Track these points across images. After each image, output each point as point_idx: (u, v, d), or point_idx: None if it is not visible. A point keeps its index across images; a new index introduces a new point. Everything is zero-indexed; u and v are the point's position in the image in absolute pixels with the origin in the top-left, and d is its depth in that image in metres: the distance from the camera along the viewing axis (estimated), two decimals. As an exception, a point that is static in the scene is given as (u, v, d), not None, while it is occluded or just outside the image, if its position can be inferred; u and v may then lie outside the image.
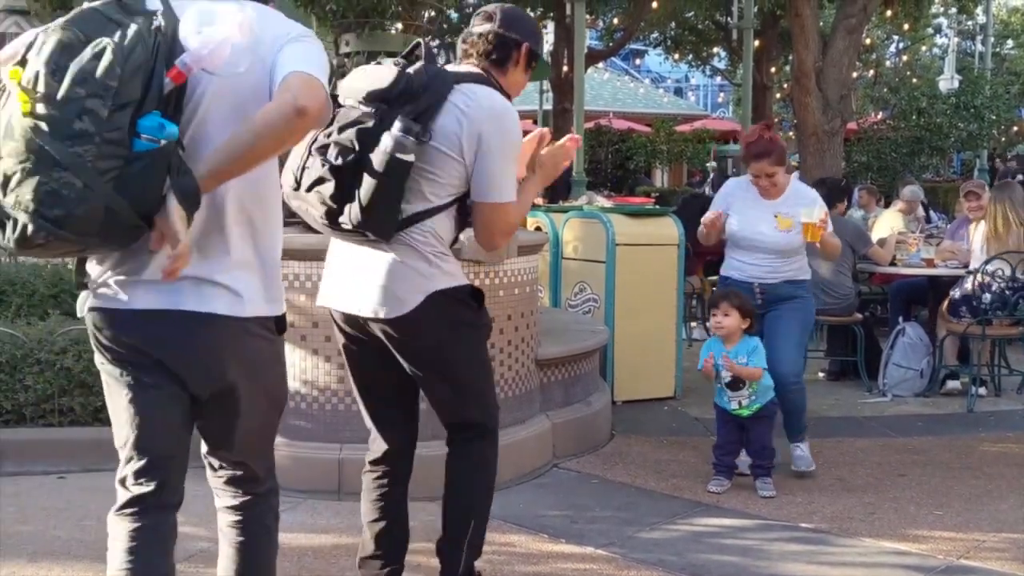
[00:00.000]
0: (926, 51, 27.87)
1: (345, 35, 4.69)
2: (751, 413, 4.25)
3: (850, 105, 10.30)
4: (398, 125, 2.44)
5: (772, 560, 3.51)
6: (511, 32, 2.75)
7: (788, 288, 4.44)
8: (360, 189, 2.46)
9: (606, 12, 17.63)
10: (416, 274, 2.61)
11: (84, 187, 1.80)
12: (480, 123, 2.58)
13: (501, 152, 2.60)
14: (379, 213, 2.48)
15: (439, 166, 2.59)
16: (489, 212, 2.63)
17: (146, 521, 2.26)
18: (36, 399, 4.52)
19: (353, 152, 2.45)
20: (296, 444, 4.10)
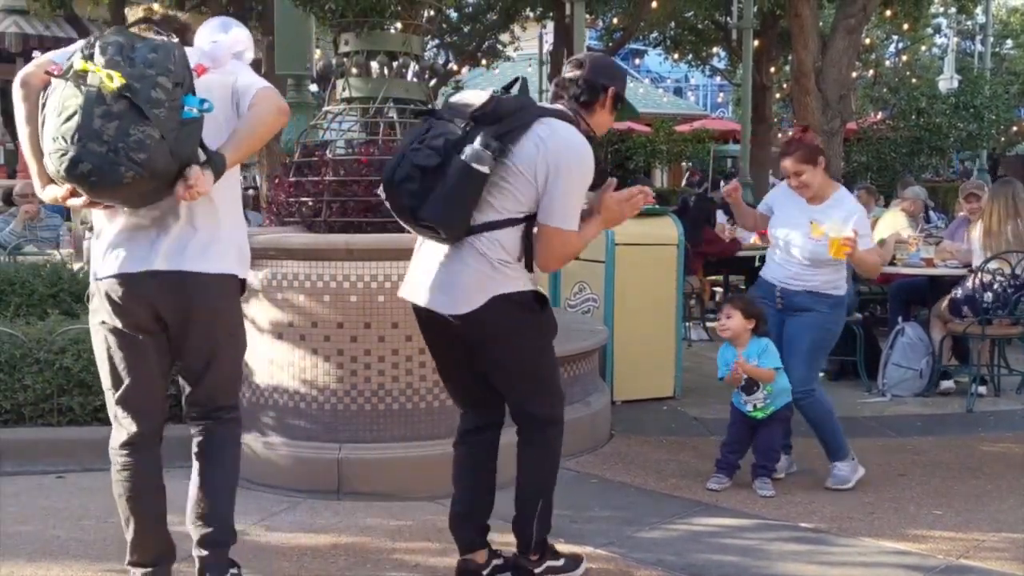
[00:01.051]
0: (926, 51, 27.86)
1: (344, 34, 4.69)
2: (765, 416, 4.25)
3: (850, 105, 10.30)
4: (479, 140, 2.78)
5: (772, 560, 3.51)
6: (598, 78, 3.06)
7: (806, 299, 4.29)
8: (439, 190, 2.79)
9: (606, 12, 17.61)
10: (481, 277, 2.89)
11: (161, 138, 2.48)
12: (557, 154, 2.87)
13: (570, 183, 2.88)
14: (450, 214, 2.82)
15: (512, 184, 2.88)
16: (550, 235, 2.91)
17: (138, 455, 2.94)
18: (35, 398, 4.52)
19: (438, 157, 2.80)
20: (295, 443, 4.10)
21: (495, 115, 2.86)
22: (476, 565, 3.21)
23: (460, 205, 2.82)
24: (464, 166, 2.77)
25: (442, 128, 2.87)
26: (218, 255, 2.85)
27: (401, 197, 2.86)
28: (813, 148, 4.30)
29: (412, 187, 2.82)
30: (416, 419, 4.09)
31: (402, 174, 2.85)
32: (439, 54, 18.54)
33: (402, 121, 4.65)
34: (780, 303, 4.36)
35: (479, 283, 2.89)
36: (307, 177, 4.49)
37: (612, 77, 3.11)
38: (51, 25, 14.53)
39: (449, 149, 2.80)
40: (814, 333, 4.29)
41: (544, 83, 19.30)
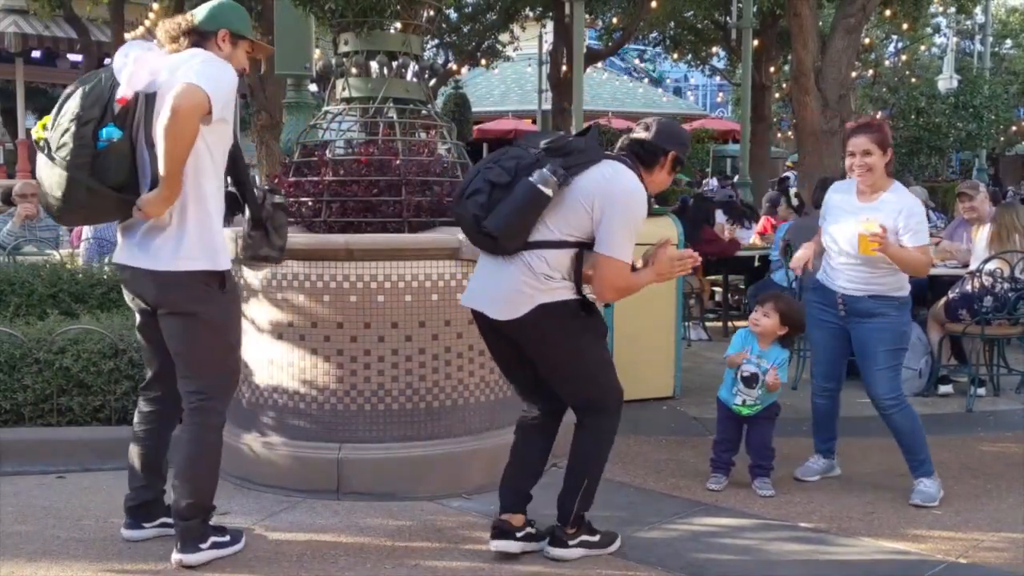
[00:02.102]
0: (925, 51, 27.85)
1: (344, 34, 4.68)
2: (751, 413, 4.26)
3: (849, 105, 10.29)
4: (548, 166, 3.15)
5: (771, 560, 3.51)
6: (662, 143, 3.40)
7: (871, 304, 4.11)
8: (503, 204, 3.16)
9: (605, 12, 17.60)
10: (527, 288, 3.21)
11: (69, 175, 3.11)
12: (615, 193, 3.22)
13: (624, 220, 3.22)
14: (510, 227, 3.17)
15: (570, 211, 3.22)
16: (605, 264, 3.23)
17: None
18: (35, 399, 4.52)
19: (508, 176, 3.19)
20: (295, 443, 4.10)
21: (566, 149, 3.23)
22: (510, 526, 3.47)
23: (520, 220, 3.17)
24: (531, 186, 3.13)
25: (516, 153, 3.27)
26: (170, 253, 3.22)
27: (469, 208, 3.22)
28: (887, 135, 4.13)
29: (481, 199, 3.20)
30: (416, 419, 4.09)
31: (474, 187, 3.23)
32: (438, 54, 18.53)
33: (401, 121, 4.64)
34: (843, 310, 4.19)
35: (525, 293, 3.21)
36: (307, 177, 4.49)
37: (674, 143, 3.43)
38: (50, 25, 14.53)
39: (519, 171, 3.18)
40: (888, 338, 4.11)
41: (543, 83, 19.28)
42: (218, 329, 3.35)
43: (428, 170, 4.48)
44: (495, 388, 4.28)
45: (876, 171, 4.09)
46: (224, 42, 3.39)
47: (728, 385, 4.32)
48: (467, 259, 4.08)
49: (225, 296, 3.35)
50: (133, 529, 3.55)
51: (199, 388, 3.35)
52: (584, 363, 3.35)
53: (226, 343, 3.40)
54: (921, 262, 4.10)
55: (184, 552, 3.31)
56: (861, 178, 4.12)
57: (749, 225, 9.81)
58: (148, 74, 3.17)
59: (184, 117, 3.01)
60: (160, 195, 3.11)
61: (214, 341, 3.35)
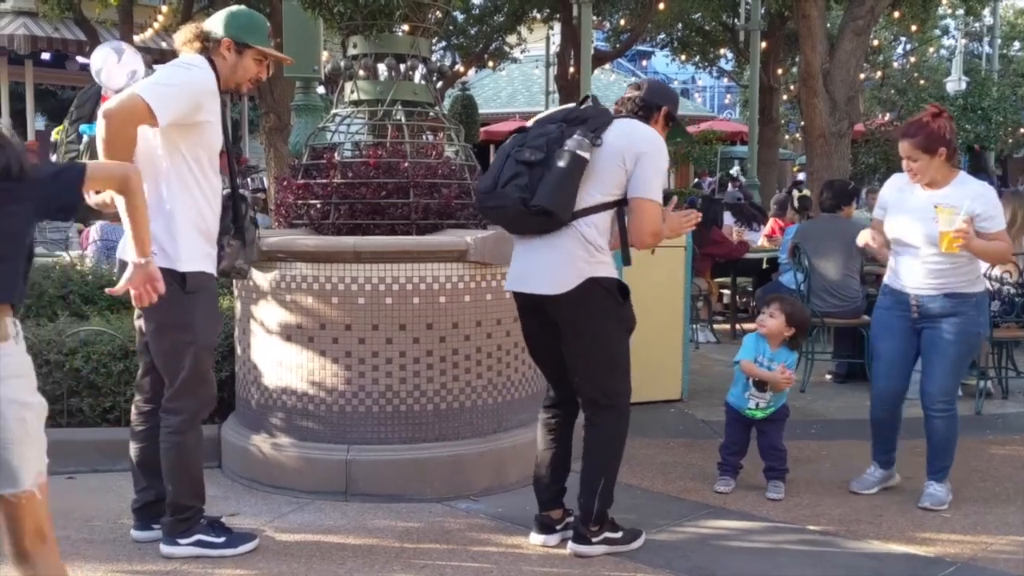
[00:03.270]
0: (933, 53, 27.81)
1: (352, 37, 4.69)
2: (764, 416, 4.26)
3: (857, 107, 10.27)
4: (578, 132, 3.26)
5: (780, 563, 3.51)
6: (653, 99, 3.54)
7: (947, 303, 3.96)
8: (547, 178, 3.23)
9: (613, 13, 17.61)
10: (579, 260, 3.31)
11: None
12: (640, 142, 3.36)
13: (653, 163, 3.34)
14: (559, 197, 3.23)
15: (604, 171, 3.31)
16: (642, 207, 3.34)
17: None
18: (45, 400, 4.52)
19: (542, 152, 3.26)
20: (303, 445, 4.11)
21: (582, 117, 3.35)
22: (551, 520, 3.62)
23: (567, 189, 3.25)
24: (571, 153, 3.22)
25: (538, 131, 3.36)
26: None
27: (512, 193, 3.27)
28: (936, 136, 3.91)
29: (522, 181, 3.26)
30: (423, 421, 4.10)
31: (509, 173, 3.29)
32: (445, 56, 18.55)
33: (409, 123, 4.65)
34: (916, 311, 4.02)
35: (576, 266, 3.31)
36: (315, 179, 4.50)
37: (665, 98, 3.58)
38: (60, 27, 14.59)
39: (551, 144, 3.27)
40: (963, 340, 3.99)
41: (551, 85, 19.28)
42: (175, 329, 3.36)
43: (436, 172, 4.49)
44: (502, 390, 4.29)
45: (925, 173, 3.96)
46: (228, 51, 3.47)
47: (739, 389, 4.31)
48: (475, 262, 4.09)
49: (187, 297, 3.34)
50: (142, 530, 3.59)
51: (167, 386, 3.44)
52: (610, 350, 3.43)
53: (182, 344, 3.38)
54: (1004, 249, 3.96)
55: (163, 543, 3.47)
56: (912, 180, 4.02)
57: (757, 227, 9.80)
58: (125, 74, 3.36)
59: (110, 122, 3.10)
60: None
61: (172, 341, 3.38)
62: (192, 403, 3.44)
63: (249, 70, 3.54)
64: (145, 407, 3.57)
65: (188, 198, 3.36)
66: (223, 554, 3.45)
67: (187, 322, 3.38)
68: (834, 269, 6.32)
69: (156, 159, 3.29)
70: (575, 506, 3.56)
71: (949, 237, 3.77)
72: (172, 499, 3.44)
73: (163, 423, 3.44)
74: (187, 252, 3.35)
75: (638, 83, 3.67)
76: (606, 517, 3.52)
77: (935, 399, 4.05)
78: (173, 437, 3.42)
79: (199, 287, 3.39)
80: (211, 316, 3.50)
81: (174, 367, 3.40)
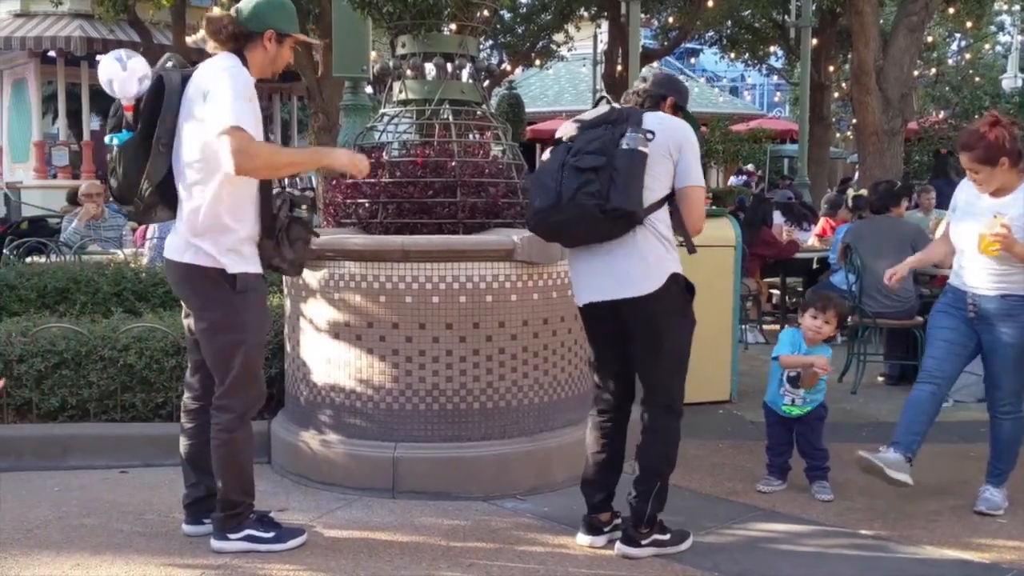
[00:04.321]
0: (989, 49, 27.21)
1: (401, 37, 4.71)
2: (800, 413, 4.21)
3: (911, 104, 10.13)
4: (631, 130, 3.25)
5: (831, 568, 3.46)
6: (659, 89, 3.59)
7: (1003, 305, 3.92)
8: (617, 180, 3.21)
9: (661, 11, 17.48)
10: (660, 256, 3.37)
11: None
12: (676, 132, 3.40)
13: (692, 149, 3.42)
14: (633, 196, 3.23)
15: (655, 164, 3.33)
16: (694, 193, 3.41)
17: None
18: (99, 395, 4.62)
19: (603, 157, 3.24)
20: (351, 441, 4.14)
21: (621, 117, 3.35)
22: (600, 522, 3.62)
23: (637, 186, 3.25)
24: (631, 151, 3.22)
25: (589, 136, 3.32)
26: (182, 247, 3.37)
27: (586, 202, 3.22)
28: (995, 147, 3.86)
29: (593, 188, 3.22)
30: (469, 419, 4.11)
31: (574, 184, 3.24)
32: (493, 54, 18.57)
33: (457, 123, 4.66)
34: (973, 311, 4.00)
35: (661, 264, 3.37)
36: (363, 179, 4.53)
37: (671, 89, 3.60)
38: (115, 29, 14.85)
39: (607, 146, 3.25)
40: (1020, 343, 3.93)
41: (598, 83, 19.21)
42: (226, 329, 3.39)
43: (483, 171, 4.49)
44: (548, 390, 4.28)
45: (989, 184, 3.93)
46: (271, 42, 3.44)
47: (775, 387, 4.28)
48: (522, 261, 4.08)
49: (236, 297, 3.37)
50: (193, 525, 3.63)
51: (218, 384, 3.47)
52: (681, 350, 3.50)
53: (233, 343, 3.41)
54: None
55: (213, 538, 3.51)
56: (980, 191, 3.99)
57: (808, 227, 9.68)
58: (135, 81, 3.45)
59: (247, 163, 3.23)
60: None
61: (222, 340, 3.41)
62: (242, 401, 3.47)
63: (286, 58, 3.53)
64: (193, 405, 3.61)
65: (239, 199, 3.38)
66: (272, 549, 3.48)
67: (238, 322, 3.40)
68: (887, 269, 6.20)
69: (211, 162, 3.29)
70: (624, 507, 3.54)
71: (986, 240, 3.78)
72: (223, 495, 3.48)
73: (213, 420, 3.47)
74: (236, 255, 3.38)
75: (644, 75, 3.71)
76: (656, 520, 3.51)
77: (999, 401, 4.00)
78: (223, 435, 3.45)
79: (249, 287, 3.42)
80: (261, 315, 3.53)
81: (225, 366, 3.43)
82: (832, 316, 4.24)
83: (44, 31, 15.24)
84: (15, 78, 17.16)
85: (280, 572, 3.34)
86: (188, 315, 3.54)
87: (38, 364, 4.57)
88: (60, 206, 10.69)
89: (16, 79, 17.13)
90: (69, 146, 17.04)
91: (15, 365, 4.56)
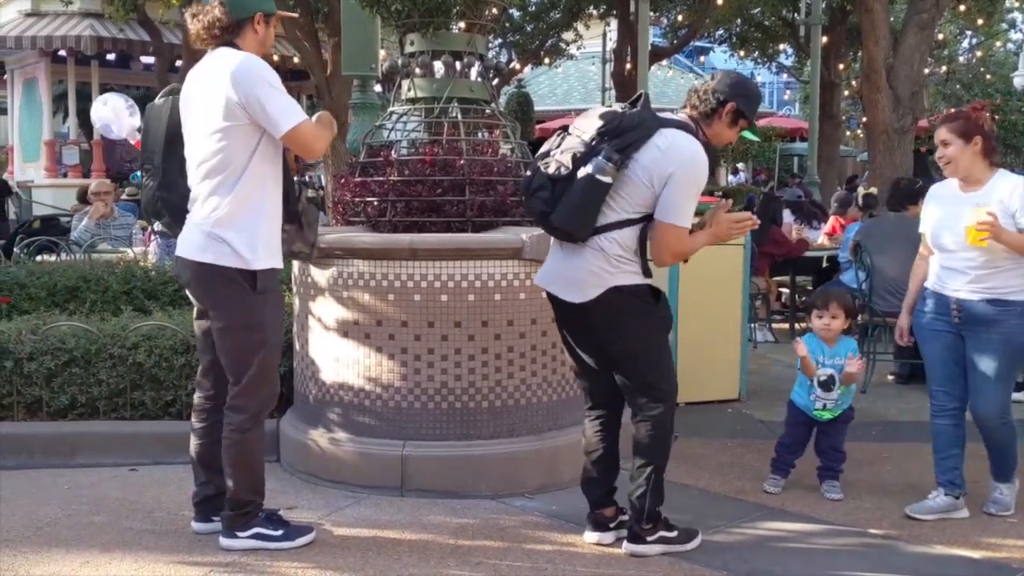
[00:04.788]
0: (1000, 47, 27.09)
1: (410, 35, 4.71)
2: (832, 417, 4.20)
3: (922, 102, 10.05)
4: (604, 153, 3.16)
5: (840, 567, 3.45)
6: (721, 92, 3.37)
7: (989, 309, 3.74)
8: (567, 198, 3.20)
9: (671, 9, 17.44)
10: (600, 271, 3.28)
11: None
12: (673, 163, 3.21)
13: (685, 188, 3.23)
14: (577, 220, 3.22)
15: (631, 189, 3.24)
16: (664, 231, 3.26)
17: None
18: (109, 393, 4.64)
19: (566, 170, 3.21)
20: (359, 440, 4.14)
21: (619, 130, 3.22)
22: (604, 517, 3.62)
23: (585, 212, 3.21)
24: (589, 178, 3.16)
25: (570, 143, 3.28)
26: (201, 245, 3.33)
27: (536, 203, 3.28)
28: (973, 123, 3.75)
29: (544, 195, 3.25)
30: (478, 418, 4.10)
31: (536, 184, 3.29)
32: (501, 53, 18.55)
33: (466, 121, 4.66)
34: (958, 317, 3.82)
35: (597, 277, 3.28)
36: (372, 177, 4.53)
37: (735, 93, 3.39)
38: (124, 28, 14.89)
39: (576, 163, 3.20)
40: (1007, 351, 3.76)
41: (607, 81, 19.18)
42: (246, 328, 3.38)
43: (492, 170, 4.49)
44: (557, 388, 4.28)
45: (958, 162, 3.78)
46: (260, 24, 3.44)
47: (804, 391, 4.25)
48: (530, 259, 4.08)
49: (255, 297, 3.36)
50: (202, 522, 3.64)
51: (232, 383, 3.46)
52: (646, 349, 3.39)
53: (252, 343, 3.40)
54: None
55: (222, 536, 3.51)
56: (945, 171, 3.86)
57: (818, 225, 9.65)
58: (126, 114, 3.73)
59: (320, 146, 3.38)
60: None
61: (240, 340, 3.40)
62: (257, 401, 3.46)
63: (272, 38, 3.54)
64: (206, 404, 3.60)
65: (263, 194, 3.38)
66: (281, 547, 3.49)
67: (258, 321, 3.40)
68: (897, 268, 6.18)
69: (233, 154, 3.30)
70: (627, 505, 3.54)
71: (973, 230, 3.62)
72: (233, 494, 3.48)
73: (227, 420, 3.46)
74: (261, 250, 3.36)
75: (713, 74, 3.53)
76: (659, 515, 3.50)
77: (986, 418, 3.85)
78: (236, 435, 3.44)
79: (268, 286, 3.41)
80: (279, 314, 3.53)
81: (242, 366, 3.42)
82: (836, 309, 4.22)
83: (55, 31, 15.30)
84: (26, 77, 17.23)
85: (289, 570, 3.35)
86: (199, 316, 3.54)
87: (48, 362, 4.59)
88: (71, 205, 10.73)
89: (27, 78, 17.20)
90: (79, 145, 17.11)
91: (25, 363, 4.58)
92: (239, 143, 3.29)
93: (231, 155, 3.30)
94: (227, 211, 3.31)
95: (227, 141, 3.29)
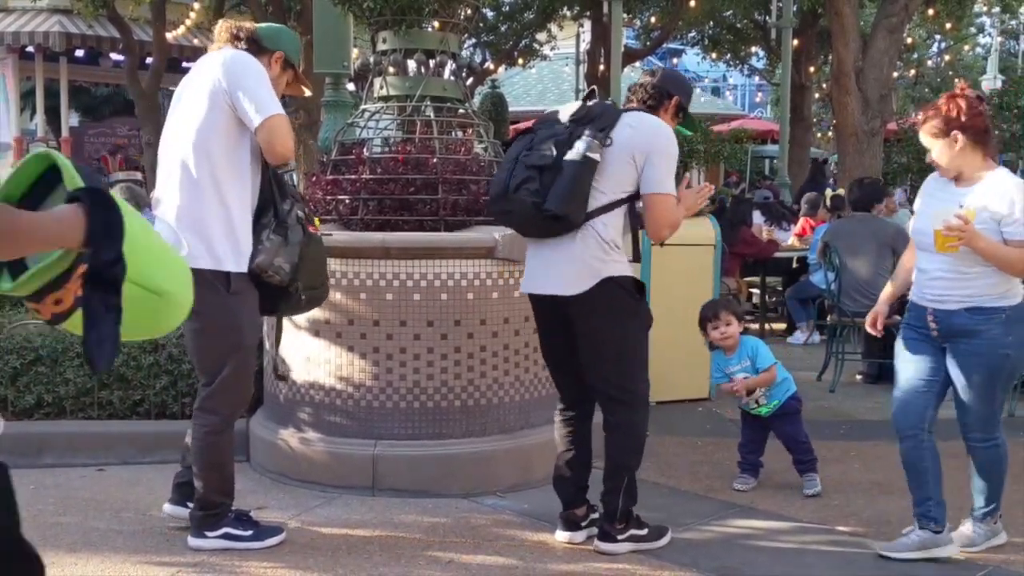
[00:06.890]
0: (969, 51, 27.45)
1: (382, 32, 4.70)
2: (770, 411, 4.26)
3: (890, 105, 10.17)
4: (587, 133, 3.23)
5: (807, 563, 3.48)
6: (666, 86, 3.54)
7: (968, 319, 3.33)
8: (559, 182, 3.21)
9: (643, 11, 17.52)
10: (593, 260, 3.30)
11: None
12: (647, 135, 3.33)
13: (664, 157, 3.33)
14: (571, 202, 3.22)
15: (615, 169, 3.30)
16: (656, 202, 3.33)
17: None
18: (76, 392, 4.59)
19: (551, 156, 3.24)
20: (330, 439, 4.12)
21: (589, 116, 3.32)
22: (576, 516, 3.63)
23: (579, 192, 3.23)
24: (580, 156, 3.20)
25: (546, 133, 3.33)
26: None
27: (525, 198, 3.26)
28: (946, 119, 3.34)
29: (533, 186, 3.25)
30: (450, 417, 4.10)
31: (520, 178, 3.27)
32: (475, 53, 18.55)
33: (439, 119, 4.66)
34: (935, 329, 3.41)
35: (592, 267, 3.30)
36: (344, 175, 4.52)
37: (678, 88, 3.57)
38: (94, 24, 14.73)
39: (560, 147, 3.25)
40: (989, 364, 3.36)
41: (580, 83, 19.23)
42: (221, 331, 3.35)
43: (465, 169, 4.49)
44: (529, 387, 4.28)
45: (942, 161, 3.39)
46: (276, 63, 3.53)
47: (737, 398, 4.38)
48: (503, 258, 4.08)
49: (231, 298, 3.33)
50: (175, 505, 3.62)
51: (204, 386, 3.45)
52: (627, 347, 3.42)
53: (226, 346, 3.38)
54: (1011, 259, 3.27)
55: (191, 536, 3.50)
56: (940, 173, 3.49)
57: (787, 226, 9.73)
58: None
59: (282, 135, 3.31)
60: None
61: (213, 342, 3.37)
62: (230, 404, 3.45)
63: (282, 86, 3.60)
64: None
65: (242, 195, 3.36)
66: (250, 547, 3.47)
67: (234, 324, 3.36)
68: (865, 268, 6.26)
69: (215, 157, 3.30)
70: (599, 504, 3.55)
71: (941, 236, 3.23)
72: (202, 495, 3.45)
73: (199, 422, 3.43)
74: (235, 251, 3.33)
75: (652, 70, 3.68)
76: (631, 515, 3.51)
77: (969, 429, 3.49)
78: (209, 437, 3.42)
79: (243, 288, 3.37)
80: (255, 315, 3.49)
81: (215, 367, 3.40)
82: (727, 315, 4.25)
83: (22, 26, 15.09)
84: (-7, 73, 17.00)
85: (258, 570, 3.33)
86: None
87: (13, 361, 4.53)
88: (38, 203, 10.60)
89: (-6, 75, 16.97)
90: (47, 142, 16.89)
91: (-9, 362, 4.53)
92: (216, 141, 3.28)
93: (207, 152, 3.28)
94: (201, 211, 3.28)
95: (205, 135, 3.28)
